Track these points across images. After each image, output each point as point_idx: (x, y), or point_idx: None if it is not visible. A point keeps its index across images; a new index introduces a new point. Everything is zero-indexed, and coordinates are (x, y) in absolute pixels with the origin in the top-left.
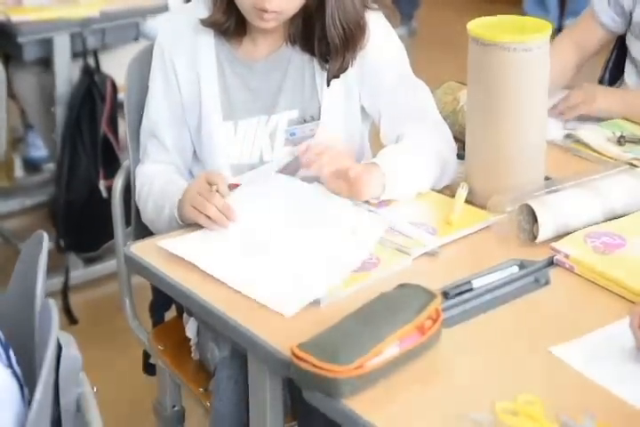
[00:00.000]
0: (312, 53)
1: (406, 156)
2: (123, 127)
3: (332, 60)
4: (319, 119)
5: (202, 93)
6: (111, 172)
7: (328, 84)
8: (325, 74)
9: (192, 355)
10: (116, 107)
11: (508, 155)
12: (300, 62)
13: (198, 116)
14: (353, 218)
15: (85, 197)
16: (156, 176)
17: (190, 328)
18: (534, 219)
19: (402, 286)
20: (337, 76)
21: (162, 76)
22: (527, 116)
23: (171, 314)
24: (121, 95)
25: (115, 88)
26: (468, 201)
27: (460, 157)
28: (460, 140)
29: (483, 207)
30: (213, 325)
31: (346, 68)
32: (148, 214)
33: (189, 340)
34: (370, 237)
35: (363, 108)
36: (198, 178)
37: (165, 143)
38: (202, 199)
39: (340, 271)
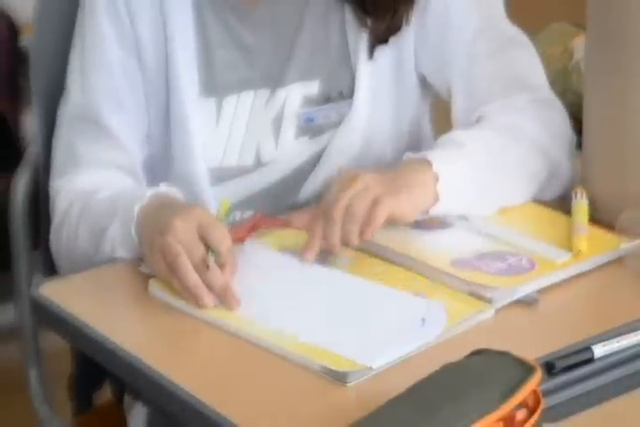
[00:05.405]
0: None
1: (482, 147)
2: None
3: (377, 15)
4: (351, 97)
5: (169, 54)
6: (6, 166)
7: (371, 55)
8: (362, 29)
9: None
10: (16, 59)
11: None
12: (323, 7)
13: (164, 89)
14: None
15: None
16: (101, 188)
17: (136, 419)
18: None
19: (479, 353)
20: (384, 41)
21: (111, 20)
22: None
23: (104, 395)
24: (25, 41)
25: (14, 29)
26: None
27: (577, 143)
28: (573, 118)
29: (609, 227)
30: (177, 415)
31: (397, 29)
32: (78, 250)
33: None
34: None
35: (422, 79)
36: (185, 216)
37: (115, 132)
38: (185, 264)
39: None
